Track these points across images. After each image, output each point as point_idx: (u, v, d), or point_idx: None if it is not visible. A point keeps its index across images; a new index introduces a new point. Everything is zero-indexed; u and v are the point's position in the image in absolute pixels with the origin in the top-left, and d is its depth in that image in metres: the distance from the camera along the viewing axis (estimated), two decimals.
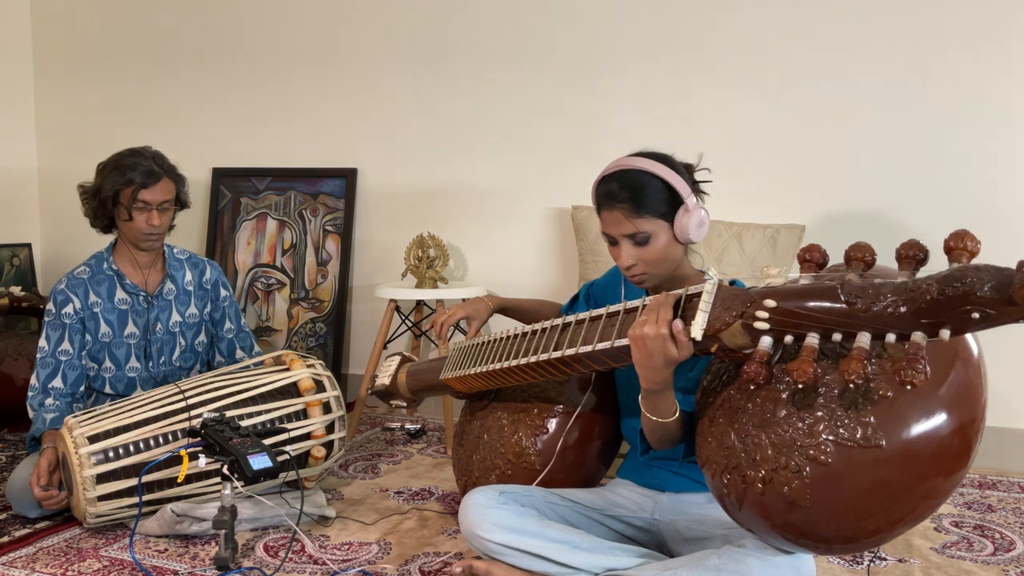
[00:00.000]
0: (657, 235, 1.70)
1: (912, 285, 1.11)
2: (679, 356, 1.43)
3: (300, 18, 3.56)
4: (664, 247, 1.71)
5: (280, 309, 3.55)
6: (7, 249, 3.84)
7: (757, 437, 1.34)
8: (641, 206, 1.69)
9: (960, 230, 1.09)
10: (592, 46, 3.14)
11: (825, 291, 1.20)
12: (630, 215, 1.69)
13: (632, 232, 1.70)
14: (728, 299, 1.36)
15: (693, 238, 1.71)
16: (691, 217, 1.69)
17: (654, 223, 1.70)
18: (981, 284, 1.04)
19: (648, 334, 1.44)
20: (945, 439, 1.22)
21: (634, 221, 1.69)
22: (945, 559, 2.00)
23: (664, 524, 1.82)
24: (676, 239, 1.72)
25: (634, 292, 1.91)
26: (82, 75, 3.93)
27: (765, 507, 1.34)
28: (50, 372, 2.35)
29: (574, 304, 2.11)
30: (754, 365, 1.26)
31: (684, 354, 1.43)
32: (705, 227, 1.71)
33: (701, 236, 1.71)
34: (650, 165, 1.70)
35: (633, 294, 1.91)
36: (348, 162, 3.53)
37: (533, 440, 1.92)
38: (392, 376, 2.32)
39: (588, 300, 2.05)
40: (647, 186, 1.69)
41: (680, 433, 1.61)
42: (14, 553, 2.01)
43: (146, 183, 2.31)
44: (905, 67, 2.81)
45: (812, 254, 1.28)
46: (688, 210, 1.69)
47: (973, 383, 1.24)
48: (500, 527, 1.67)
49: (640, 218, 1.69)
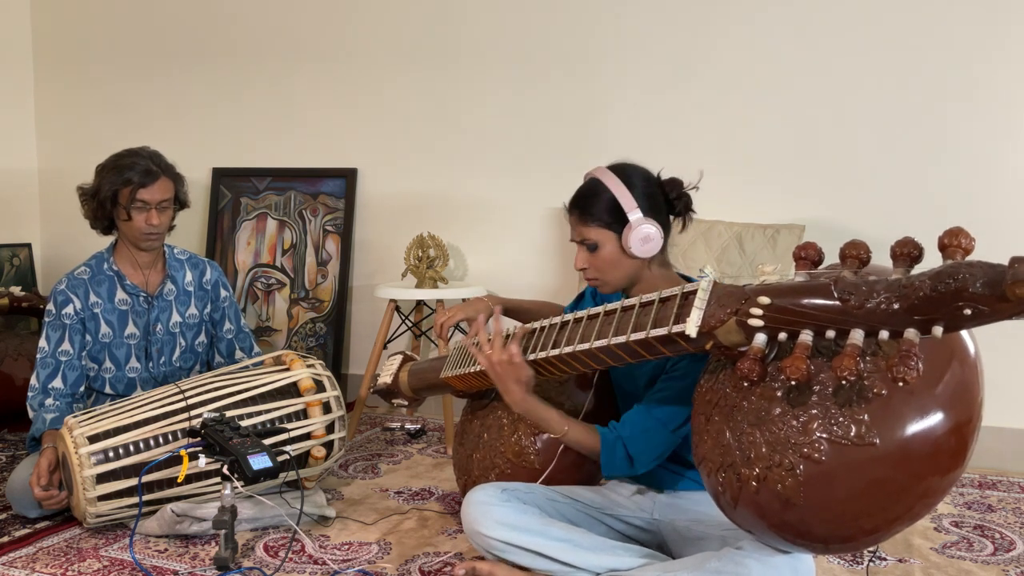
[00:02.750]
0: (604, 244, 1.77)
1: (905, 282, 1.11)
2: (522, 376, 1.76)
3: (300, 18, 3.56)
4: (611, 256, 1.77)
5: (280, 309, 3.55)
6: (7, 249, 3.84)
7: (752, 435, 1.34)
8: (587, 214, 1.77)
9: (955, 227, 1.09)
10: (592, 47, 3.14)
11: (819, 288, 1.20)
12: (578, 223, 1.79)
13: (581, 238, 1.79)
14: (723, 296, 1.36)
15: (636, 253, 1.73)
16: (633, 233, 1.72)
17: (600, 232, 1.76)
18: (974, 280, 1.04)
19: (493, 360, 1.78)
20: (941, 438, 1.22)
21: (580, 229, 1.79)
22: (945, 559, 2.00)
23: (664, 524, 1.82)
24: (624, 252, 1.76)
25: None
26: (82, 75, 3.94)
27: (760, 506, 1.34)
28: (50, 372, 2.35)
29: (579, 303, 2.11)
30: (748, 362, 1.26)
31: (526, 374, 1.76)
32: (652, 243, 1.73)
33: (646, 252, 1.74)
34: (606, 177, 1.77)
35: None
36: (348, 162, 3.53)
37: (533, 439, 1.92)
38: (394, 375, 2.32)
39: (595, 298, 2.06)
40: (595, 197, 1.77)
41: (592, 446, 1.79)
42: (14, 553, 2.01)
43: (144, 182, 2.31)
44: (905, 67, 2.80)
45: (807, 252, 1.29)
46: (631, 227, 1.72)
47: (969, 382, 1.24)
48: (502, 525, 1.68)
49: (586, 226, 1.77)
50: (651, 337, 1.47)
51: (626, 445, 1.75)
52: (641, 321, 1.53)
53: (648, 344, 1.50)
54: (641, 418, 1.76)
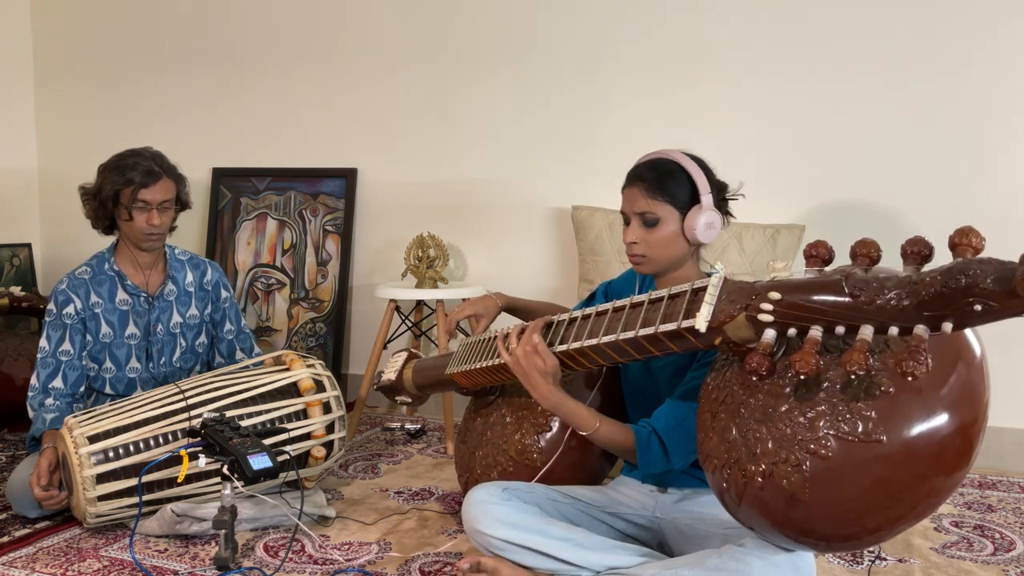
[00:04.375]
0: (666, 221, 1.75)
1: (916, 278, 1.11)
2: (548, 367, 1.70)
3: (300, 18, 3.56)
4: (669, 236, 1.76)
5: (280, 309, 3.55)
6: (7, 249, 3.84)
7: (758, 431, 1.34)
8: (658, 188, 1.75)
9: (965, 226, 1.10)
10: (592, 46, 3.14)
11: (829, 284, 1.21)
12: (646, 194, 1.76)
13: (643, 210, 1.76)
14: (733, 292, 1.37)
15: (699, 237, 1.74)
16: (702, 215, 1.73)
17: (666, 208, 1.75)
18: (984, 276, 1.04)
19: (517, 353, 1.73)
20: (947, 438, 1.22)
21: (648, 200, 1.76)
22: (945, 559, 2.00)
23: (665, 522, 1.82)
24: (684, 234, 1.76)
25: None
26: (82, 75, 3.93)
27: (765, 502, 1.34)
28: (50, 372, 2.35)
29: (591, 302, 2.11)
30: (757, 357, 1.26)
31: (551, 363, 1.70)
32: (714, 231, 1.75)
33: (708, 238, 1.75)
34: (681, 158, 1.77)
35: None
36: (348, 162, 3.53)
37: (536, 438, 1.92)
38: (398, 372, 2.32)
39: (607, 297, 2.06)
40: (670, 173, 1.76)
41: (623, 444, 1.75)
42: (14, 553, 2.00)
43: (146, 183, 2.31)
44: (905, 65, 2.81)
45: (818, 249, 1.29)
46: (702, 208, 1.73)
47: (975, 383, 1.24)
48: (503, 523, 1.68)
49: (654, 199, 1.75)
50: (660, 332, 1.47)
51: (661, 438, 1.71)
52: (651, 317, 1.53)
53: (657, 339, 1.50)
54: (674, 410, 1.73)
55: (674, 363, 1.81)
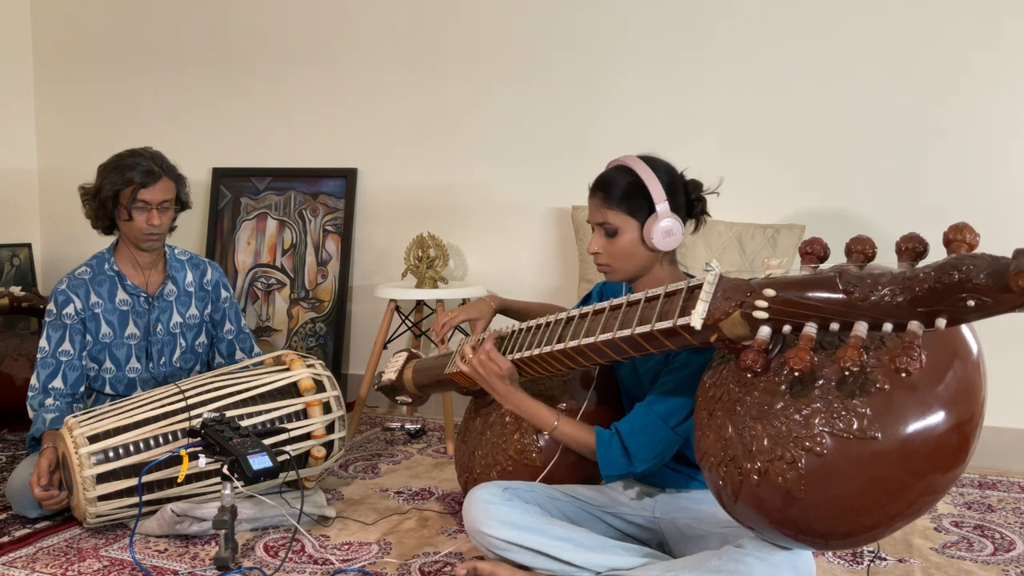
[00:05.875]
0: (624, 231, 1.76)
1: (910, 274, 1.12)
2: (503, 371, 1.82)
3: (300, 18, 3.56)
4: (629, 244, 1.76)
5: (280, 309, 3.55)
6: (7, 249, 3.84)
7: (754, 429, 1.34)
8: (612, 199, 1.76)
9: (959, 223, 1.10)
10: (592, 47, 3.14)
11: (823, 281, 1.21)
12: (603, 205, 1.77)
13: (600, 221, 1.78)
14: (729, 289, 1.37)
15: (657, 245, 1.73)
16: (658, 225, 1.72)
17: (622, 218, 1.75)
18: (977, 272, 1.04)
19: (474, 363, 1.85)
20: (943, 435, 1.22)
21: (603, 211, 1.77)
22: (945, 559, 2.00)
23: (664, 522, 1.82)
24: (644, 242, 1.75)
25: None
26: (82, 75, 3.94)
27: (761, 500, 1.34)
28: (50, 372, 2.35)
29: (587, 302, 2.11)
30: (752, 353, 1.26)
31: (506, 367, 1.81)
32: (673, 238, 1.74)
33: (667, 245, 1.74)
34: (636, 165, 1.76)
35: None
36: (348, 162, 3.53)
37: (535, 437, 1.92)
38: (399, 372, 2.33)
39: (601, 298, 2.06)
40: (623, 182, 1.76)
41: (586, 442, 1.78)
42: (14, 553, 2.01)
43: (145, 183, 2.31)
44: (905, 66, 2.81)
45: (814, 247, 1.29)
46: (657, 218, 1.72)
47: (972, 380, 1.24)
48: (504, 524, 1.68)
49: (609, 210, 1.76)
50: (656, 330, 1.47)
51: (623, 440, 1.73)
52: (646, 315, 1.53)
53: (652, 337, 1.50)
54: (641, 414, 1.75)
55: (655, 367, 1.81)
